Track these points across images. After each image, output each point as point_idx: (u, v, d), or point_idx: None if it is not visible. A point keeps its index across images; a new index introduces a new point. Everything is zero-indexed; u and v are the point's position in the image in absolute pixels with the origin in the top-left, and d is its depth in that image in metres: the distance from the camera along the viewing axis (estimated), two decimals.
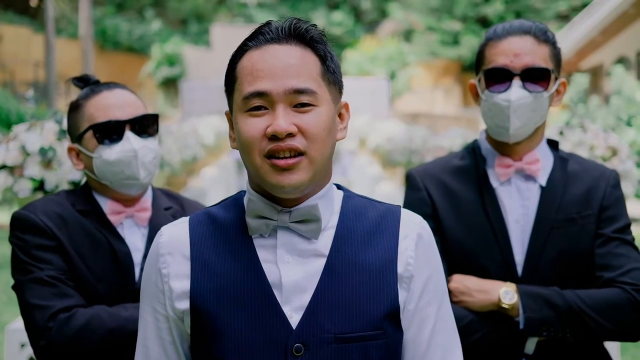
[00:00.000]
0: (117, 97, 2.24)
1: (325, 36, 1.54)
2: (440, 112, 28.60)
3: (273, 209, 1.50)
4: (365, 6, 38.88)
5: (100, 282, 2.18)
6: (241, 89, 1.49)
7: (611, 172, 2.27)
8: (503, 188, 2.25)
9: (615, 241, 2.17)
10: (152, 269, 1.57)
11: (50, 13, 21.70)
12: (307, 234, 1.50)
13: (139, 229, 2.29)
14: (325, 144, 1.48)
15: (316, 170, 1.47)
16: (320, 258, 1.50)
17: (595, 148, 3.91)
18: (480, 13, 31.41)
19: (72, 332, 2.05)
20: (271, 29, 1.50)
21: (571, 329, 2.09)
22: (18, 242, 2.17)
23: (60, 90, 24.74)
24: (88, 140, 2.23)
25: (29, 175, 3.36)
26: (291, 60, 1.47)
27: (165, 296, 1.53)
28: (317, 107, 1.47)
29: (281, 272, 1.48)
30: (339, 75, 1.55)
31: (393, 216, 1.57)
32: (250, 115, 1.47)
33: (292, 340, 1.45)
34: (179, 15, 38.25)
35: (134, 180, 2.23)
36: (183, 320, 1.53)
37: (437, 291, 1.57)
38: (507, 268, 2.18)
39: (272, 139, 1.44)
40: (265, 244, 1.51)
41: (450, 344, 1.58)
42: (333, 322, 1.46)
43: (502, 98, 2.16)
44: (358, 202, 1.60)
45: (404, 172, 12.69)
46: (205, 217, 1.58)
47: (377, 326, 1.48)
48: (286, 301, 1.47)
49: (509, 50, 2.17)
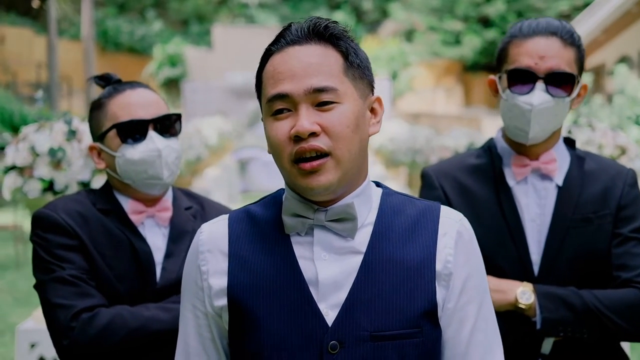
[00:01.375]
0: (140, 96, 2.23)
1: (347, 32, 1.53)
2: (442, 112, 28.62)
3: (309, 208, 1.50)
4: (366, 6, 38.88)
5: (122, 281, 2.17)
6: (265, 92, 1.50)
7: (628, 170, 2.26)
8: (519, 187, 2.23)
9: (633, 241, 2.16)
10: (192, 266, 1.58)
11: (52, 14, 21.72)
12: (343, 232, 1.49)
13: (159, 228, 2.29)
14: (351, 141, 1.46)
15: (345, 169, 1.46)
16: (357, 255, 1.49)
17: (604, 147, 3.91)
18: (482, 13, 31.43)
19: (95, 331, 2.04)
20: (291, 31, 1.51)
21: (588, 330, 2.08)
22: (40, 241, 2.16)
23: (63, 91, 24.77)
24: (111, 139, 2.22)
25: (38, 176, 3.36)
26: (311, 59, 1.47)
27: (205, 293, 1.54)
28: (340, 104, 1.46)
29: (317, 269, 1.48)
30: (365, 69, 1.54)
31: (432, 213, 1.56)
32: (276, 119, 1.47)
33: (327, 337, 1.45)
34: (180, 16, 38.27)
35: (157, 180, 2.22)
36: (221, 316, 1.54)
37: (478, 289, 1.55)
38: (523, 267, 2.17)
39: (297, 140, 1.44)
40: (302, 241, 1.51)
41: (491, 343, 1.56)
42: (369, 319, 1.45)
43: (524, 101, 2.13)
44: (397, 199, 1.58)
45: (408, 172, 12.69)
46: (244, 215, 1.59)
47: (414, 324, 1.46)
48: (322, 298, 1.47)
49: (534, 51, 2.13)
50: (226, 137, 16.11)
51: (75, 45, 29.60)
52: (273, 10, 38.41)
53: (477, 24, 31.74)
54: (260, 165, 18.13)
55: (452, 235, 1.53)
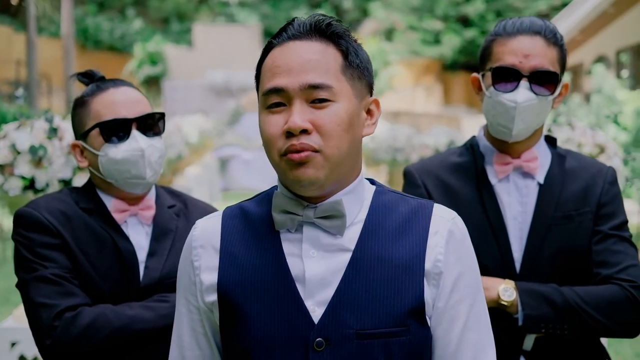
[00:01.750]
0: (124, 94, 2.22)
1: (350, 31, 1.54)
2: (422, 111, 28.69)
3: (298, 205, 1.50)
4: (346, 5, 38.89)
5: (105, 280, 2.16)
6: (262, 85, 1.51)
7: (608, 168, 2.28)
8: (501, 185, 2.25)
9: (613, 238, 2.18)
10: (186, 261, 1.59)
11: (31, 12, 21.53)
12: (331, 229, 1.49)
13: (143, 227, 2.28)
14: (342, 140, 1.46)
15: (333, 167, 1.46)
16: (345, 253, 1.50)
17: (583, 145, 3.94)
18: (461, 12, 31.53)
19: (78, 331, 2.03)
20: (293, 25, 1.51)
21: (569, 326, 2.10)
22: (22, 240, 2.14)
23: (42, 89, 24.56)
24: (94, 138, 2.21)
25: (19, 174, 3.33)
26: (310, 55, 1.47)
27: (197, 288, 1.56)
28: (334, 102, 1.46)
29: (305, 266, 1.48)
30: (365, 70, 1.54)
31: (424, 211, 1.55)
32: (270, 112, 1.48)
33: (313, 334, 1.45)
34: (161, 14, 38.08)
35: (140, 180, 2.21)
36: (213, 312, 1.55)
37: (470, 289, 1.54)
38: (505, 265, 2.19)
39: (289, 136, 1.44)
40: (292, 238, 1.52)
41: (483, 342, 1.55)
42: (355, 317, 1.45)
43: (508, 98, 2.15)
44: (390, 197, 1.58)
45: (388, 170, 12.72)
46: (238, 211, 1.60)
47: (400, 322, 1.46)
48: (309, 295, 1.47)
49: (518, 50, 2.15)
50: (207, 135, 16.04)
51: (54, 43, 29.35)
52: (253, 9, 38.33)
53: (457, 24, 31.84)
54: (241, 163, 18.09)
55: (443, 234, 1.53)
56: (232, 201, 14.54)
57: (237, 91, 24.88)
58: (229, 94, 24.78)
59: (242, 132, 19.23)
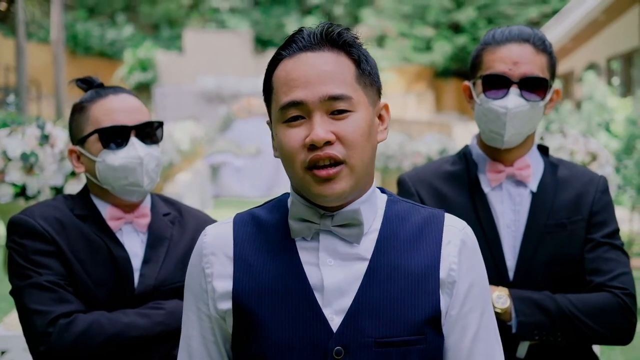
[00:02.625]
0: (123, 102, 2.22)
1: (358, 39, 1.54)
2: (413, 118, 28.72)
3: (316, 213, 1.50)
4: (338, 12, 38.96)
5: (99, 287, 2.16)
6: (277, 99, 1.49)
7: (600, 177, 2.30)
8: (494, 193, 2.26)
9: (605, 246, 2.20)
10: (196, 269, 1.58)
11: (20, 17, 21.44)
12: (349, 238, 1.50)
13: (137, 235, 2.27)
14: (365, 150, 1.47)
15: (358, 177, 1.47)
16: (362, 262, 1.50)
17: (575, 153, 3.96)
18: (453, 19, 31.63)
19: (72, 337, 2.03)
20: (303, 36, 1.50)
21: (563, 333, 2.11)
22: (16, 247, 2.14)
23: (32, 95, 24.47)
24: (92, 144, 2.21)
25: (10, 181, 3.32)
26: (325, 67, 1.47)
27: (209, 296, 1.54)
28: (353, 112, 1.46)
29: (323, 275, 1.48)
30: (375, 76, 1.55)
31: (436, 221, 1.56)
32: (289, 126, 1.47)
33: (332, 343, 1.45)
34: (151, 20, 38.06)
35: (136, 187, 2.21)
36: (225, 320, 1.54)
37: (481, 298, 1.56)
38: (498, 273, 2.20)
39: (311, 149, 1.44)
40: (308, 246, 1.52)
41: (492, 352, 1.56)
42: (374, 326, 1.46)
43: (499, 105, 2.17)
44: (402, 206, 1.59)
45: (380, 178, 12.73)
46: (249, 218, 1.59)
47: (417, 331, 1.47)
48: (327, 304, 1.48)
49: (508, 57, 2.18)
50: (198, 142, 16.04)
51: (44, 48, 29.29)
52: (244, 15, 38.34)
53: (448, 30, 31.94)
54: (232, 170, 18.08)
55: (456, 243, 1.54)
56: (223, 208, 14.53)
57: (228, 97, 24.87)
58: (220, 101, 24.78)
59: (233, 138, 19.22)
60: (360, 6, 37.24)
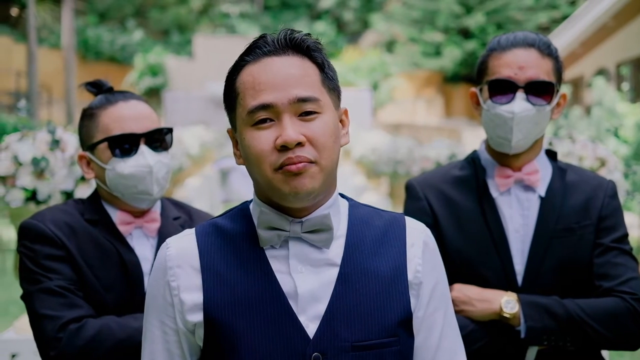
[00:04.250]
0: (133, 109, 2.22)
1: (321, 44, 1.55)
2: (422, 123, 28.72)
3: (285, 220, 1.51)
4: (347, 17, 39.02)
5: (109, 292, 2.16)
6: (244, 103, 1.49)
7: (609, 182, 2.30)
8: (503, 198, 2.26)
9: (614, 251, 2.19)
10: (160, 282, 1.55)
11: (31, 22, 21.58)
12: (319, 243, 1.51)
13: (147, 239, 2.28)
14: (333, 151, 1.49)
15: (326, 177, 1.48)
16: (332, 267, 1.52)
17: (584, 159, 3.96)
18: (462, 24, 31.63)
19: (82, 342, 2.03)
20: (267, 41, 1.51)
21: (571, 338, 2.11)
22: (27, 252, 2.15)
23: (43, 100, 24.58)
24: (102, 151, 2.21)
25: (21, 186, 3.34)
26: (292, 70, 1.48)
27: (175, 309, 1.52)
28: (321, 114, 1.48)
29: (296, 282, 1.49)
30: (336, 81, 1.57)
31: (399, 224, 1.60)
32: (258, 129, 1.47)
33: (309, 349, 1.46)
34: (161, 25, 38.19)
35: (146, 195, 2.22)
36: (194, 332, 1.52)
37: (443, 297, 1.61)
38: (507, 277, 2.20)
39: (282, 150, 1.44)
40: (277, 254, 1.52)
41: (456, 348, 1.63)
42: (349, 330, 1.48)
43: (505, 109, 2.18)
44: (363, 210, 1.62)
45: (389, 183, 12.72)
46: (212, 228, 1.58)
47: (392, 333, 1.50)
48: (302, 311, 1.49)
49: (513, 62, 2.19)
50: (207, 146, 16.06)
51: (55, 53, 29.44)
52: (254, 21, 38.45)
53: (457, 36, 31.93)
54: (241, 175, 18.06)
55: (419, 245, 1.58)
56: None
57: None
58: None
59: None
60: (369, 11, 37.28)
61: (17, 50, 27.26)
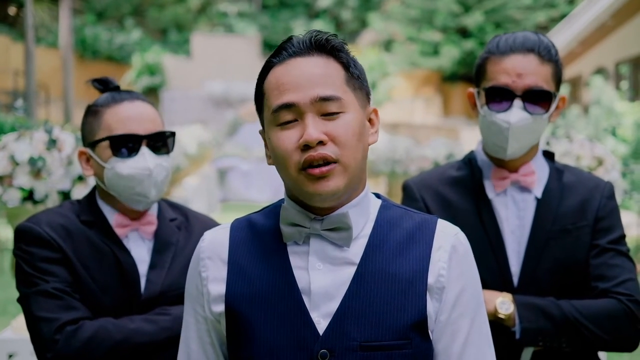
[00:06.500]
0: (137, 110, 2.21)
1: (346, 44, 1.57)
2: (421, 122, 28.71)
3: (306, 217, 1.53)
4: (345, 16, 39.00)
5: (106, 293, 2.16)
6: (269, 103, 1.53)
7: (606, 183, 2.29)
8: (499, 199, 2.26)
9: (610, 252, 2.19)
10: (194, 272, 1.63)
11: (29, 21, 21.53)
12: (338, 241, 1.53)
13: (144, 241, 2.28)
14: (357, 149, 1.50)
15: (350, 176, 1.50)
16: (350, 266, 1.53)
17: (582, 158, 3.95)
18: (460, 24, 31.59)
19: (79, 344, 2.04)
20: (293, 43, 1.54)
21: (567, 339, 2.11)
22: (23, 255, 2.15)
23: (40, 99, 24.55)
24: (102, 149, 2.20)
25: (18, 185, 3.33)
26: (314, 70, 1.51)
27: (204, 299, 1.59)
28: (344, 113, 1.50)
29: (311, 279, 1.51)
30: (364, 80, 1.58)
31: (428, 226, 1.59)
32: (282, 129, 1.50)
33: (318, 346, 1.48)
34: (159, 24, 38.15)
35: (143, 198, 2.21)
36: (220, 322, 1.58)
37: (472, 304, 1.57)
38: (503, 278, 2.20)
39: (305, 149, 1.47)
40: (299, 250, 1.55)
41: (483, 358, 1.58)
42: (359, 330, 1.48)
43: (501, 118, 2.16)
44: (395, 212, 1.61)
45: (387, 182, 12.72)
46: (245, 223, 1.63)
47: (403, 335, 1.49)
48: (314, 307, 1.50)
49: (511, 69, 2.16)
50: (205, 146, 16.05)
51: (53, 53, 29.39)
52: (252, 20, 38.42)
53: (456, 35, 31.89)
54: (240, 174, 18.09)
55: (446, 249, 1.56)
56: (230, 212, 14.54)
57: (235, 102, 24.91)
58: (227, 105, 24.82)
59: (240, 142, 19.24)
60: (367, 10, 37.27)
61: (15, 49, 27.21)
